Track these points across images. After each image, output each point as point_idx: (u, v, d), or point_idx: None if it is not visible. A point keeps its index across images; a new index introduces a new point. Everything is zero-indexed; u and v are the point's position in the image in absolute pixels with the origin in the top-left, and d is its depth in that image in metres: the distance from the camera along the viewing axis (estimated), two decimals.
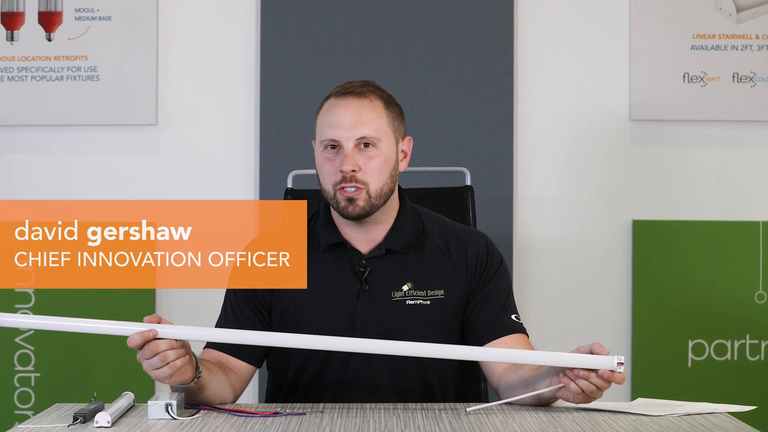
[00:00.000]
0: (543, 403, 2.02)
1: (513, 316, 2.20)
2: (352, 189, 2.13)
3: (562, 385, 1.93)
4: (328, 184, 2.16)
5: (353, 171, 2.12)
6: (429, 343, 2.02)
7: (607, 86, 3.57)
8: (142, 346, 1.90)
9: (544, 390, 1.97)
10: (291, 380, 2.21)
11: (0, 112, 3.52)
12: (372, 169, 2.14)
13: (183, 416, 1.91)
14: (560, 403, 2.03)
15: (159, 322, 1.92)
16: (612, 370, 1.90)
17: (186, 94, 3.56)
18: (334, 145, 2.15)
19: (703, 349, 3.55)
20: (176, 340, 1.91)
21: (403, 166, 2.22)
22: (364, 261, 2.18)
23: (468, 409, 1.98)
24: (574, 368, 1.91)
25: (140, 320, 1.93)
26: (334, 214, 2.22)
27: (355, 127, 2.13)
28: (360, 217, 2.15)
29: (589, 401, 1.95)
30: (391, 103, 2.20)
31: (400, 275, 2.18)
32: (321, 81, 3.49)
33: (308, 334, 2.00)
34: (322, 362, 2.17)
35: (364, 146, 2.14)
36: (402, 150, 2.22)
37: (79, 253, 3.53)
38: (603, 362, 1.90)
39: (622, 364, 1.90)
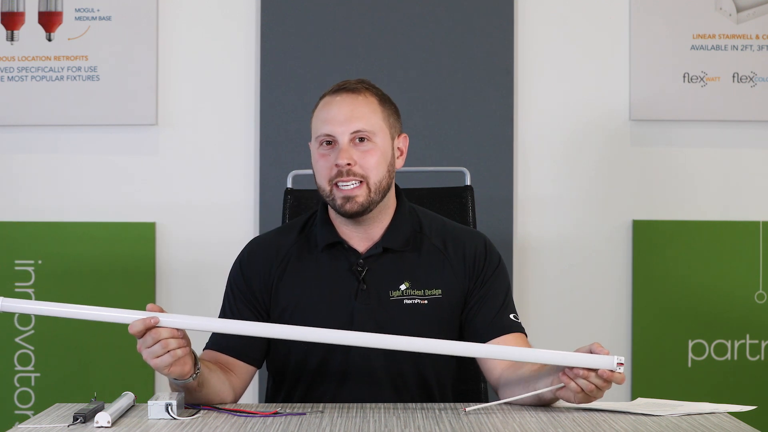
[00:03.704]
0: (543, 403, 2.02)
1: (511, 316, 2.20)
2: (351, 184, 2.12)
3: (562, 384, 1.93)
4: (323, 180, 2.15)
5: (349, 164, 2.11)
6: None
7: (606, 86, 3.57)
8: (143, 334, 1.89)
9: (544, 390, 1.97)
10: (291, 375, 2.20)
11: (0, 112, 3.52)
12: (369, 163, 2.13)
13: (183, 416, 1.91)
14: (560, 403, 2.03)
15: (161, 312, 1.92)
16: (612, 370, 1.90)
17: (186, 94, 3.56)
18: (330, 141, 2.14)
19: (703, 349, 3.55)
20: (177, 329, 1.91)
21: (399, 163, 2.22)
22: (361, 260, 2.18)
23: (467, 409, 1.98)
24: (573, 367, 1.91)
25: None
26: (332, 213, 2.21)
27: (349, 122, 2.13)
28: (358, 214, 2.14)
29: (589, 401, 1.95)
30: (385, 101, 2.20)
31: (397, 274, 2.18)
32: (321, 81, 3.49)
33: None
34: (321, 357, 2.16)
35: (360, 141, 2.14)
36: (398, 147, 2.22)
37: (80, 252, 3.54)
38: (603, 362, 1.90)
39: (622, 364, 1.89)
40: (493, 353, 2.07)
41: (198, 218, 3.56)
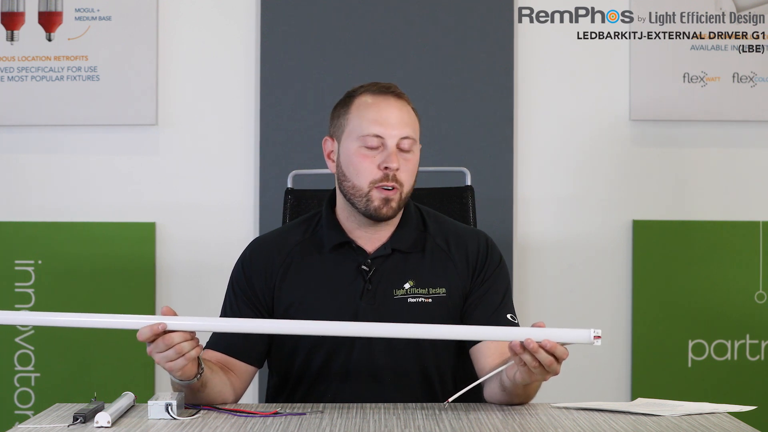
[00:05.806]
0: (512, 395, 2.01)
1: (509, 316, 2.20)
2: (390, 188, 2.13)
3: (512, 362, 1.92)
4: (363, 181, 2.14)
5: (397, 170, 2.13)
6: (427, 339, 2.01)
7: (607, 86, 3.57)
8: (153, 340, 1.90)
9: (499, 369, 1.97)
10: (296, 373, 2.20)
11: (0, 112, 3.53)
12: (408, 171, 2.16)
13: (183, 416, 1.91)
14: (560, 403, 2.03)
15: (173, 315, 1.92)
16: (563, 344, 1.87)
17: (186, 94, 3.56)
18: (376, 143, 2.15)
19: (703, 349, 3.55)
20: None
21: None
22: (369, 260, 2.18)
23: (450, 400, 1.98)
24: (522, 344, 1.88)
25: None
26: (340, 214, 2.22)
27: (400, 126, 2.15)
28: (389, 218, 2.16)
29: (546, 376, 1.92)
30: (415, 111, 2.22)
31: (402, 274, 2.19)
32: (321, 81, 3.49)
33: None
34: (326, 354, 2.17)
35: (404, 147, 2.15)
36: None
37: (80, 252, 3.54)
38: (579, 336, 1.88)
39: (599, 336, 1.87)
40: (470, 334, 2.03)
41: (198, 218, 3.56)
